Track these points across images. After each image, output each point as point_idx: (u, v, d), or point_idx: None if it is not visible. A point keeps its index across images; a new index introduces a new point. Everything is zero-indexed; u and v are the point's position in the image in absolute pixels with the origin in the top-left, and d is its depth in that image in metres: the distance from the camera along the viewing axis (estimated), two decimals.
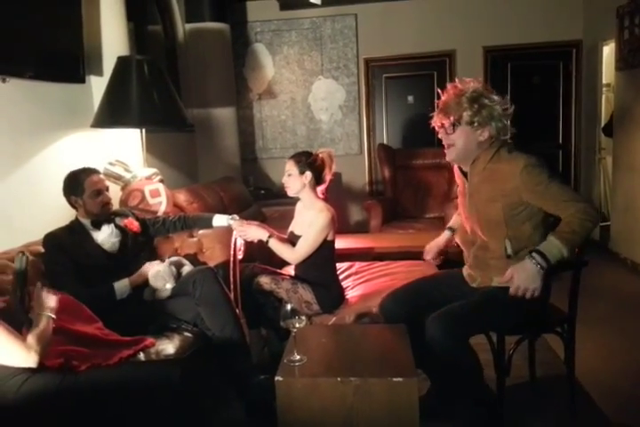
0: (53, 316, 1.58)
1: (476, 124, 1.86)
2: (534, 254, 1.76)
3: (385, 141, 5.35)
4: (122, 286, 2.14)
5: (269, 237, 2.42)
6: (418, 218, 4.62)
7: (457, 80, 1.94)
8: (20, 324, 1.51)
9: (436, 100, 1.98)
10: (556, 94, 5.23)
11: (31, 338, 1.46)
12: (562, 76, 5.20)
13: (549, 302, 2.03)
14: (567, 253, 1.77)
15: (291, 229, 2.60)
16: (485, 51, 5.13)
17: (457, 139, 1.89)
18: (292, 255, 2.43)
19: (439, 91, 1.97)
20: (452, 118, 1.87)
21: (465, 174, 2.03)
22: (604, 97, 4.95)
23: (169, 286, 2.16)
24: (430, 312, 1.90)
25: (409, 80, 5.35)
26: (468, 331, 1.84)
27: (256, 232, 2.45)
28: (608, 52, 4.75)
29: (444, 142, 1.95)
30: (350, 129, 5.37)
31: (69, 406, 1.45)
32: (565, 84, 5.20)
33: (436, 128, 1.96)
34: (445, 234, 2.27)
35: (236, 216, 2.57)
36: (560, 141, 5.29)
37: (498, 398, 1.97)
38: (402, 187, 4.90)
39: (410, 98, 5.34)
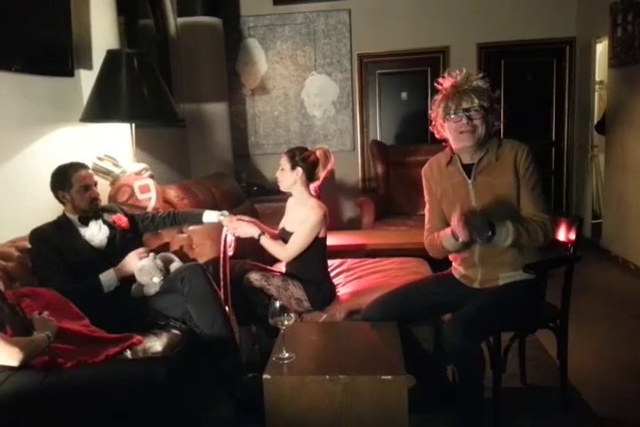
0: (51, 337, 1.55)
1: (495, 106, 1.89)
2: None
3: (378, 138, 5.33)
4: (108, 277, 2.11)
5: (261, 234, 2.40)
6: (410, 215, 4.61)
7: (457, 71, 1.91)
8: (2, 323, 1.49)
9: (443, 86, 1.92)
10: (550, 91, 5.22)
11: (22, 341, 1.44)
12: (555, 73, 5.19)
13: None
14: (507, 245, 1.83)
15: (282, 225, 2.59)
16: (479, 47, 5.12)
17: (480, 124, 1.86)
18: (284, 253, 2.41)
19: (441, 79, 1.93)
20: (478, 102, 1.84)
21: (464, 168, 1.96)
22: (596, 94, 4.97)
23: (156, 279, 2.12)
24: (417, 320, 1.91)
25: (402, 76, 5.33)
26: (484, 334, 1.86)
27: (248, 229, 2.43)
28: (601, 49, 4.75)
29: (460, 129, 1.87)
30: (343, 125, 5.34)
31: (52, 405, 1.43)
32: (559, 81, 5.20)
33: (446, 115, 1.88)
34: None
35: (225, 212, 2.54)
36: (553, 139, 5.29)
37: (493, 396, 1.97)
38: (395, 183, 4.89)
39: (403, 94, 5.32)
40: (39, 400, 1.42)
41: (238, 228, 2.43)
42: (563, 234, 2.15)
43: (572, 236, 2.09)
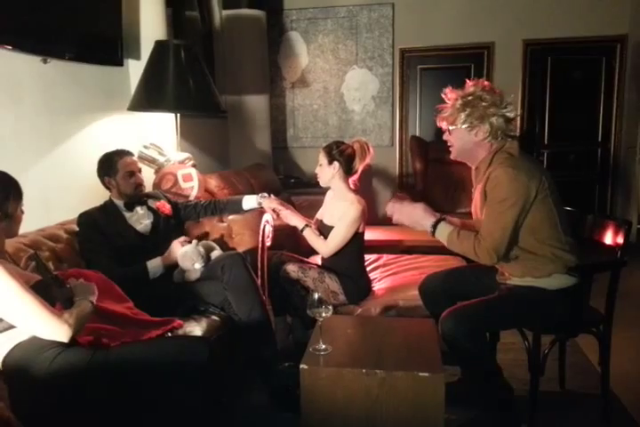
0: (94, 301, 1.61)
1: (468, 126, 1.92)
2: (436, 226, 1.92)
3: (417, 134, 5.27)
4: (154, 264, 2.17)
5: (306, 225, 2.44)
6: (448, 212, 4.47)
7: (468, 81, 2.00)
8: (52, 299, 1.54)
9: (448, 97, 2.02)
10: (598, 91, 5.04)
11: (68, 314, 1.49)
12: (604, 72, 5.01)
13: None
14: (444, 243, 1.92)
15: (319, 217, 2.60)
16: (525, 44, 4.99)
17: (454, 140, 1.98)
18: (324, 248, 2.43)
19: (442, 95, 2.03)
20: (448, 122, 1.96)
21: None
22: None
23: (197, 265, 2.17)
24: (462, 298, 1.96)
25: (445, 72, 5.24)
26: (479, 327, 1.86)
27: (294, 219, 2.47)
28: None
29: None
30: (382, 120, 5.30)
31: (100, 380, 1.48)
32: (607, 80, 5.01)
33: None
34: None
35: (265, 194, 2.57)
36: (599, 139, 5.12)
37: (529, 399, 1.94)
38: (433, 180, 4.82)
39: (445, 90, 5.23)
40: (88, 376, 1.47)
41: (288, 216, 2.46)
42: (610, 237, 2.09)
43: (620, 240, 2.03)
